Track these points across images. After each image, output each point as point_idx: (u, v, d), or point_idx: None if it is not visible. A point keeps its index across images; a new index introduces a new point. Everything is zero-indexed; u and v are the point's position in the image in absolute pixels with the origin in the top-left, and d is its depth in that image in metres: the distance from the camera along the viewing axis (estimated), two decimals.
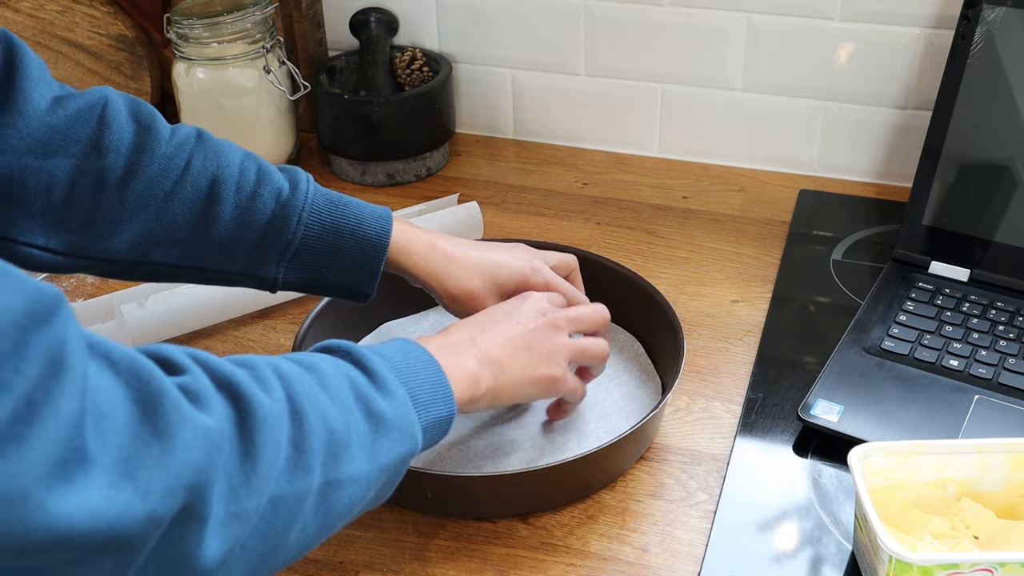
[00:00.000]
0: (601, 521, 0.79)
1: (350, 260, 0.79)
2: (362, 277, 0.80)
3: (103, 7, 1.27)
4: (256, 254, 0.78)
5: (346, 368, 0.62)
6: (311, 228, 0.78)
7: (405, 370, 0.65)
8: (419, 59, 1.24)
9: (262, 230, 0.77)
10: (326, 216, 0.78)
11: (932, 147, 0.99)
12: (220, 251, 0.77)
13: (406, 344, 0.68)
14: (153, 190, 0.75)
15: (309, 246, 0.78)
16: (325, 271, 0.79)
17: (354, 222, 0.79)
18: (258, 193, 0.77)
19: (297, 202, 0.77)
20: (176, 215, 0.76)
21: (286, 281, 0.79)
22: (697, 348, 0.95)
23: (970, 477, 0.74)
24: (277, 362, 0.58)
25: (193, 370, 0.52)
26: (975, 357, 0.89)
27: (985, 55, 0.96)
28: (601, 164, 1.25)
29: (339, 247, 0.78)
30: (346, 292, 0.81)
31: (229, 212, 0.76)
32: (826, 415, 0.84)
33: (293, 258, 0.78)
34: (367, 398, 0.60)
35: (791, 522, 0.79)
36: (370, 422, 0.60)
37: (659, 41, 1.19)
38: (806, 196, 1.17)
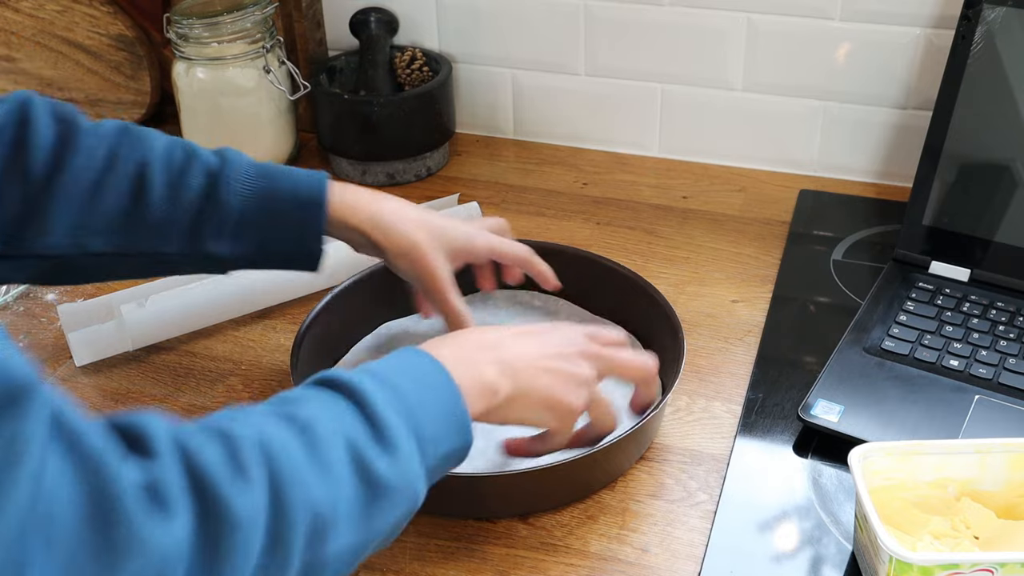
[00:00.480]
0: (601, 521, 0.79)
1: (292, 224, 0.78)
2: (308, 240, 0.79)
3: (103, 7, 1.27)
4: (195, 232, 0.77)
5: (346, 422, 0.57)
6: (246, 197, 0.77)
7: (417, 404, 0.60)
8: (419, 59, 1.24)
9: (196, 206, 0.77)
10: (259, 183, 0.78)
11: (932, 147, 0.99)
12: (157, 233, 0.77)
13: (420, 361, 0.64)
14: (80, 181, 0.75)
15: (247, 216, 0.77)
16: (269, 240, 0.78)
17: (289, 184, 0.78)
18: (187, 171, 0.77)
19: (227, 173, 0.77)
20: (107, 203, 0.75)
21: (232, 256, 0.78)
22: (697, 348, 0.95)
23: (970, 477, 0.74)
24: (264, 431, 0.53)
25: (164, 460, 0.48)
26: (975, 357, 0.89)
27: (985, 55, 0.96)
28: (601, 164, 1.25)
29: (278, 212, 0.78)
30: (296, 260, 0.80)
31: (159, 192, 0.76)
32: (826, 415, 0.84)
33: (234, 231, 0.77)
34: (365, 460, 0.56)
35: (791, 522, 0.79)
36: (366, 489, 0.56)
37: (659, 41, 1.19)
38: (806, 196, 1.17)
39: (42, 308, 1.03)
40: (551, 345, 0.72)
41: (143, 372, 0.95)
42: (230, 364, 0.96)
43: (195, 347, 0.98)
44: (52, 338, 0.99)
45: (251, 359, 0.96)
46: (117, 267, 0.79)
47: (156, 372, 0.95)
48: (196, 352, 0.97)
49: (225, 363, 0.96)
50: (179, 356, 0.97)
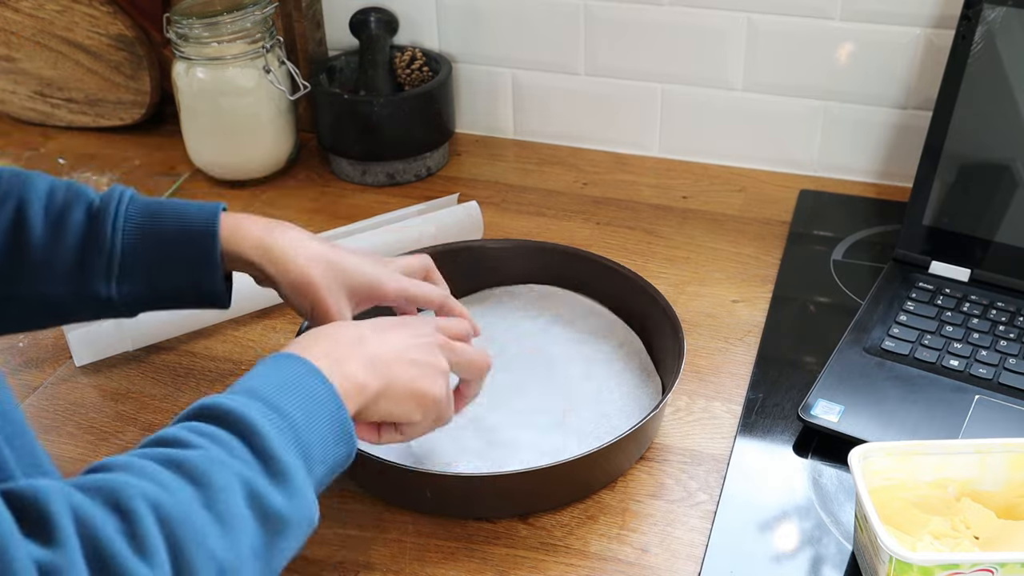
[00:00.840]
0: (601, 521, 0.79)
1: (182, 259, 0.75)
2: (203, 275, 0.75)
3: (103, 7, 1.27)
4: (80, 274, 0.74)
5: (238, 461, 0.55)
6: (129, 234, 0.74)
7: (304, 425, 0.59)
8: (419, 59, 1.24)
9: (78, 246, 0.74)
10: (144, 219, 0.74)
11: (932, 147, 0.99)
12: (39, 275, 0.74)
13: (300, 371, 0.62)
14: None
15: (134, 254, 0.74)
16: (160, 277, 0.75)
17: (175, 219, 0.75)
18: (67, 211, 0.74)
19: (109, 211, 0.74)
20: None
21: (125, 297, 0.75)
22: (697, 348, 0.95)
23: (970, 477, 0.74)
24: (158, 492, 0.51)
25: (68, 543, 0.46)
26: (975, 357, 0.89)
27: (985, 55, 0.96)
28: (601, 164, 1.25)
29: (166, 248, 0.74)
30: (195, 297, 0.76)
31: (40, 234, 0.73)
32: (826, 415, 0.84)
33: (121, 271, 0.74)
34: (262, 499, 0.55)
35: (791, 522, 0.79)
36: (266, 528, 0.55)
37: (659, 41, 1.19)
38: (806, 196, 1.17)
39: None
40: (409, 337, 0.71)
41: (143, 372, 0.95)
42: (230, 364, 0.96)
43: (195, 347, 0.98)
44: (52, 338, 0.99)
45: (251, 359, 0.96)
46: (9, 313, 0.76)
47: (156, 372, 0.95)
48: (196, 352, 0.97)
49: (225, 363, 0.96)
50: (179, 356, 0.97)
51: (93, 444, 0.88)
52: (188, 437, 0.56)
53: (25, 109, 1.36)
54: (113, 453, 0.86)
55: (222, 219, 0.75)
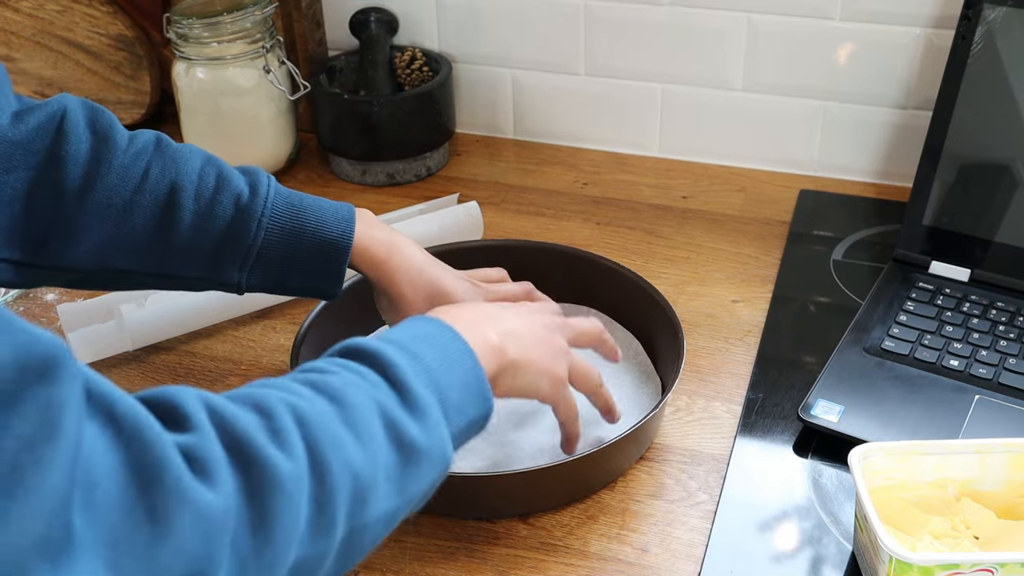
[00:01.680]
0: (601, 521, 0.79)
1: (312, 263, 0.79)
2: (325, 279, 0.80)
3: (103, 7, 1.27)
4: (217, 260, 0.77)
5: (375, 388, 0.58)
6: (271, 232, 0.77)
7: (440, 373, 0.61)
8: (419, 59, 1.24)
9: (221, 236, 0.77)
10: (286, 220, 0.78)
11: (932, 147, 0.99)
12: (180, 258, 0.77)
13: (438, 330, 0.64)
14: (112, 200, 0.75)
15: (270, 250, 0.78)
16: (287, 274, 0.79)
17: (315, 225, 0.78)
18: (217, 199, 0.77)
19: (256, 207, 0.77)
20: (135, 223, 0.75)
21: (250, 285, 0.79)
22: (697, 348, 0.95)
23: (970, 477, 0.74)
24: (297, 400, 0.54)
25: (203, 428, 0.48)
26: (975, 357, 0.89)
27: (985, 55, 0.96)
28: (601, 164, 1.25)
29: (300, 250, 0.78)
30: (312, 292, 0.81)
31: (188, 219, 0.76)
32: (826, 415, 0.84)
33: (255, 263, 0.78)
34: (397, 425, 0.56)
35: (791, 522, 0.79)
36: (400, 453, 0.56)
37: (659, 41, 1.19)
38: (806, 196, 1.17)
39: (42, 308, 1.03)
40: (530, 319, 0.73)
41: (143, 372, 0.95)
42: (230, 364, 0.96)
43: (195, 347, 0.98)
44: None
45: (251, 359, 0.96)
46: (136, 283, 0.79)
47: (156, 372, 0.95)
48: (196, 352, 0.98)
49: (225, 363, 0.96)
50: (179, 356, 0.97)
51: None
52: (328, 367, 0.58)
53: None
54: None
55: (356, 231, 0.79)
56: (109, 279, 0.78)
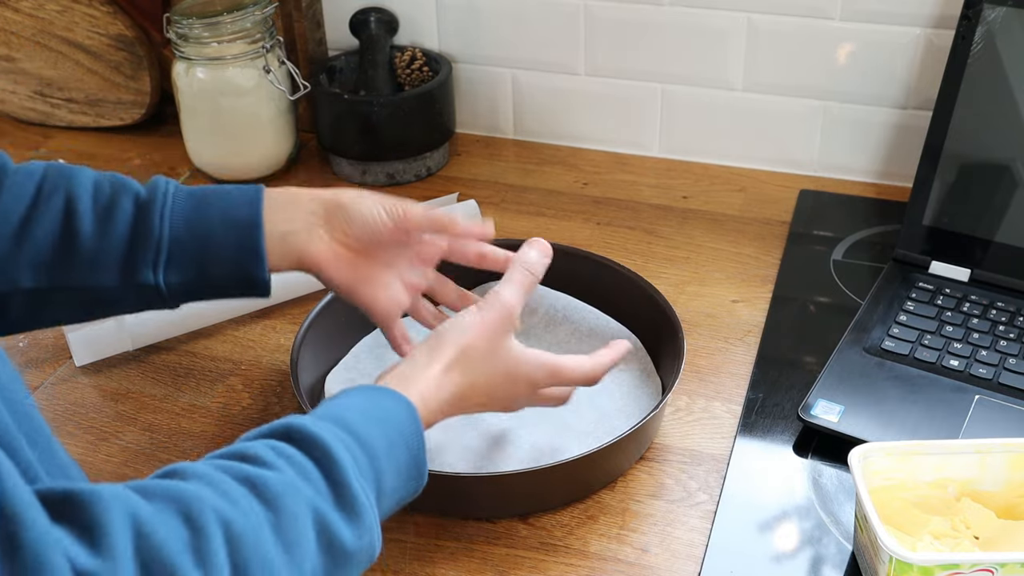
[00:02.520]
0: (601, 521, 0.79)
1: (227, 248, 0.76)
2: (247, 263, 0.76)
3: (103, 7, 1.27)
4: (128, 264, 0.75)
5: (315, 489, 0.56)
6: (176, 224, 0.75)
7: (384, 461, 0.62)
8: (419, 59, 1.24)
9: (127, 238, 0.75)
10: (190, 209, 0.76)
11: (932, 147, 0.99)
12: (89, 266, 0.75)
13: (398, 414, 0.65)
14: (9, 219, 0.73)
15: (181, 244, 0.75)
16: (206, 266, 0.76)
17: (220, 209, 0.76)
18: (115, 202, 0.75)
19: (157, 201, 0.75)
20: (37, 236, 0.74)
21: (171, 286, 0.76)
22: (697, 348, 0.95)
23: (970, 477, 0.74)
24: (231, 510, 0.51)
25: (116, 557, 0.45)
26: (975, 357, 0.89)
27: (985, 55, 0.96)
28: (601, 164, 1.25)
29: (212, 237, 0.75)
30: (239, 284, 0.77)
31: (89, 225, 0.74)
32: (826, 415, 0.84)
33: (169, 261, 0.75)
34: (331, 531, 0.56)
35: (791, 522, 0.79)
36: (329, 556, 0.56)
37: (659, 41, 1.19)
38: (806, 196, 1.17)
39: None
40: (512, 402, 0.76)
41: (143, 372, 0.95)
42: (230, 364, 0.96)
43: (195, 347, 0.98)
44: (52, 338, 0.99)
45: (251, 359, 0.96)
46: (52, 305, 0.77)
47: (156, 372, 0.95)
48: (196, 352, 0.97)
49: (225, 363, 0.96)
50: (179, 356, 0.97)
51: (93, 444, 0.88)
52: (268, 456, 0.56)
53: (25, 109, 1.36)
54: (113, 454, 0.86)
55: (263, 202, 0.76)
56: (23, 304, 0.75)
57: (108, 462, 0.86)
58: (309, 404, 0.82)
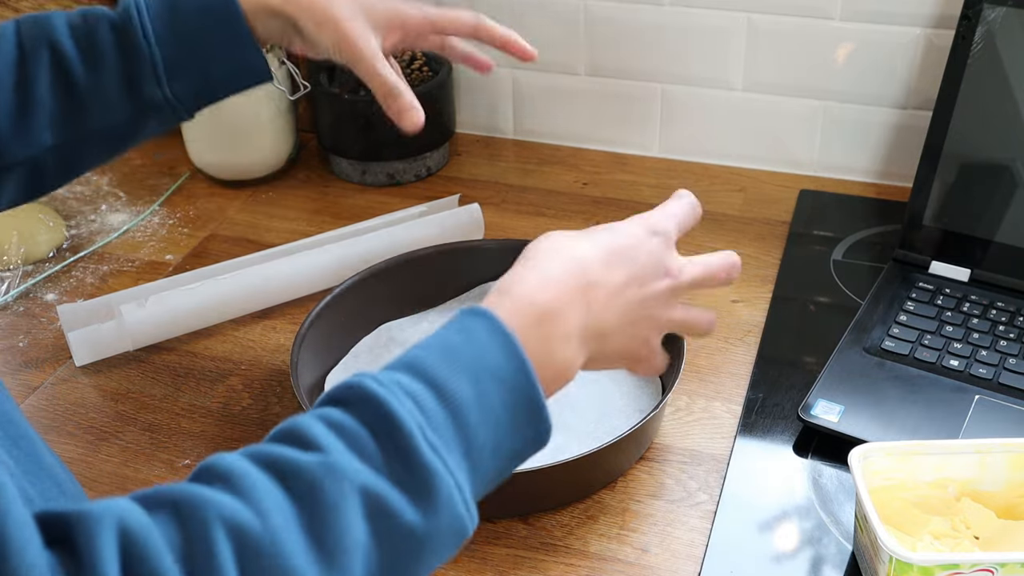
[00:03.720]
0: (601, 521, 0.79)
1: (217, 38, 0.75)
2: (241, 48, 0.75)
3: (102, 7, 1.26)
4: (131, 88, 0.75)
5: (367, 466, 0.48)
6: (160, 33, 0.75)
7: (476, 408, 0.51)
8: (419, 59, 1.24)
9: (119, 64, 0.75)
10: (166, 14, 0.75)
11: (932, 147, 0.99)
12: (99, 106, 0.75)
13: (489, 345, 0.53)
14: (4, 86, 0.73)
15: (171, 50, 0.75)
16: (205, 64, 0.76)
17: (195, 4, 0.75)
18: (94, 36, 0.75)
19: (132, 19, 0.75)
20: (40, 96, 0.74)
21: (179, 97, 0.76)
22: (697, 348, 0.95)
23: (970, 477, 0.74)
24: (241, 514, 0.45)
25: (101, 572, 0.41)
26: (975, 357, 0.89)
27: (985, 55, 0.96)
28: (601, 164, 1.25)
29: (198, 33, 0.75)
30: (243, 74, 0.77)
31: (80, 65, 0.74)
32: (826, 415, 0.84)
33: (167, 71, 0.75)
34: (389, 514, 0.47)
35: (791, 522, 0.79)
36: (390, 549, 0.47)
37: (659, 41, 1.19)
38: (806, 196, 1.17)
39: (42, 308, 1.03)
40: (643, 287, 0.62)
41: (143, 372, 0.95)
42: (230, 364, 0.96)
43: (195, 347, 0.98)
44: (52, 338, 0.99)
45: (251, 359, 0.96)
46: (81, 153, 0.77)
47: (156, 372, 0.95)
48: (196, 352, 0.97)
49: (225, 363, 0.96)
50: (179, 356, 0.97)
51: (93, 444, 0.88)
52: (313, 432, 0.49)
53: None
54: (113, 454, 0.86)
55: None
56: (59, 161, 0.76)
57: (108, 462, 0.86)
58: (309, 404, 0.82)
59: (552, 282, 0.59)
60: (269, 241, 1.11)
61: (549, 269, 0.60)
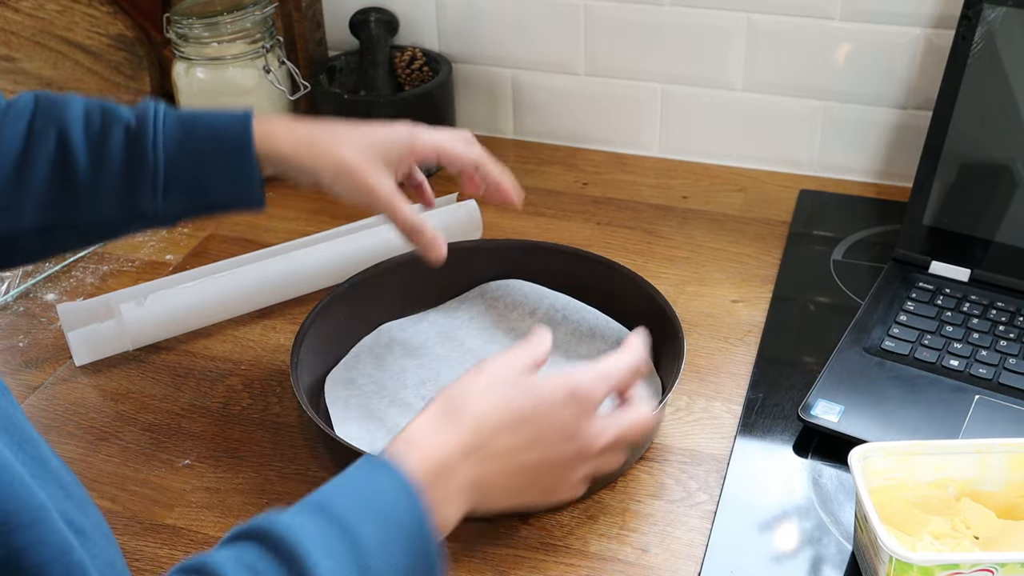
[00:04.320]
0: (601, 521, 0.79)
1: (222, 167, 0.77)
2: (241, 180, 0.77)
3: (102, 7, 1.27)
4: (128, 194, 0.76)
5: None
6: (170, 150, 0.76)
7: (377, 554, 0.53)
8: (419, 59, 1.24)
9: (122, 168, 0.76)
10: (181, 133, 0.76)
11: (932, 147, 0.99)
12: (91, 201, 0.76)
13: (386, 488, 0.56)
14: (4, 161, 0.74)
15: (176, 169, 0.76)
16: (204, 188, 0.77)
17: (209, 127, 0.77)
18: (106, 134, 0.76)
19: (147, 128, 0.76)
20: (36, 177, 0.75)
21: (171, 211, 0.77)
22: (697, 348, 0.95)
23: (970, 477, 0.74)
24: None
25: None
26: (975, 357, 0.89)
27: (985, 55, 0.96)
28: (601, 164, 1.25)
29: (205, 158, 0.76)
30: (237, 202, 0.79)
31: (84, 161, 0.75)
32: (826, 415, 0.84)
33: (166, 186, 0.76)
34: None
35: (791, 522, 0.79)
36: None
37: (659, 41, 1.19)
38: (806, 196, 1.17)
39: (42, 308, 1.03)
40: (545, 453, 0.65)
41: (143, 372, 0.95)
42: (230, 364, 0.96)
43: (195, 347, 0.98)
44: (52, 338, 0.99)
45: (251, 359, 0.96)
46: (58, 238, 0.78)
47: (156, 372, 0.95)
48: (196, 352, 0.97)
49: (225, 363, 0.96)
50: (179, 356, 0.97)
51: (93, 444, 0.88)
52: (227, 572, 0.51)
53: None
54: (113, 454, 0.86)
55: (254, 124, 0.77)
56: (32, 242, 0.77)
57: (108, 462, 0.86)
58: (309, 404, 0.82)
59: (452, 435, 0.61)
60: (268, 241, 1.11)
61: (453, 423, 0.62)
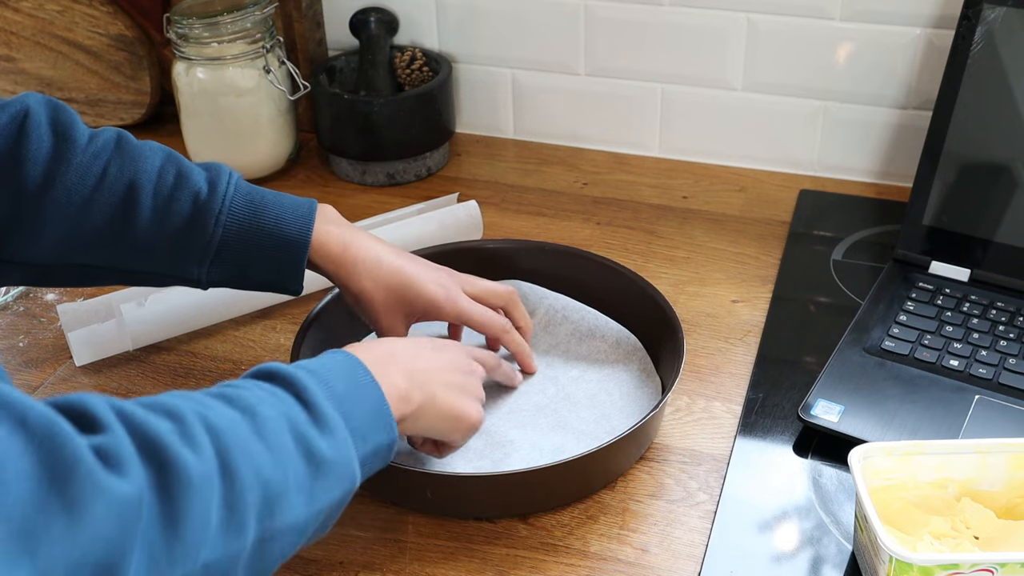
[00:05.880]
0: (601, 521, 0.79)
1: (271, 259, 0.79)
2: (285, 275, 0.81)
3: (103, 7, 1.27)
4: (177, 256, 0.78)
5: (285, 404, 0.60)
6: (229, 229, 0.78)
7: (347, 400, 0.63)
8: (419, 59, 1.24)
9: (180, 232, 0.77)
10: (245, 217, 0.78)
11: (932, 147, 0.99)
12: (140, 254, 0.78)
13: (347, 363, 0.66)
14: (71, 198, 0.76)
15: (229, 246, 0.78)
16: (248, 270, 0.80)
17: (274, 222, 0.79)
18: (175, 196, 0.77)
19: (215, 204, 0.78)
20: (95, 220, 0.76)
21: (211, 279, 0.80)
22: (697, 348, 0.95)
23: (970, 477, 0.74)
24: (208, 411, 0.55)
25: (113, 429, 0.49)
26: (975, 357, 0.89)
27: (985, 55, 0.96)
28: (601, 164, 1.25)
29: (259, 247, 0.79)
30: (273, 288, 0.82)
31: (147, 216, 0.77)
32: (826, 415, 0.84)
33: (215, 258, 0.79)
34: (306, 438, 0.59)
35: (791, 522, 0.79)
36: (309, 464, 0.58)
37: (659, 41, 1.19)
38: (806, 196, 1.17)
39: (42, 308, 1.03)
40: (447, 359, 0.75)
41: (143, 372, 0.95)
42: (230, 364, 0.96)
43: (195, 347, 0.98)
44: (52, 338, 0.99)
45: (251, 359, 0.96)
46: (96, 278, 0.81)
47: (156, 372, 0.95)
48: (196, 352, 0.98)
49: (225, 363, 0.96)
50: (179, 356, 0.97)
51: None
52: (242, 385, 0.60)
53: None
54: None
55: (314, 229, 0.80)
56: (70, 274, 0.79)
57: None
58: None
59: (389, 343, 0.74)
60: None
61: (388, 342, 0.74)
